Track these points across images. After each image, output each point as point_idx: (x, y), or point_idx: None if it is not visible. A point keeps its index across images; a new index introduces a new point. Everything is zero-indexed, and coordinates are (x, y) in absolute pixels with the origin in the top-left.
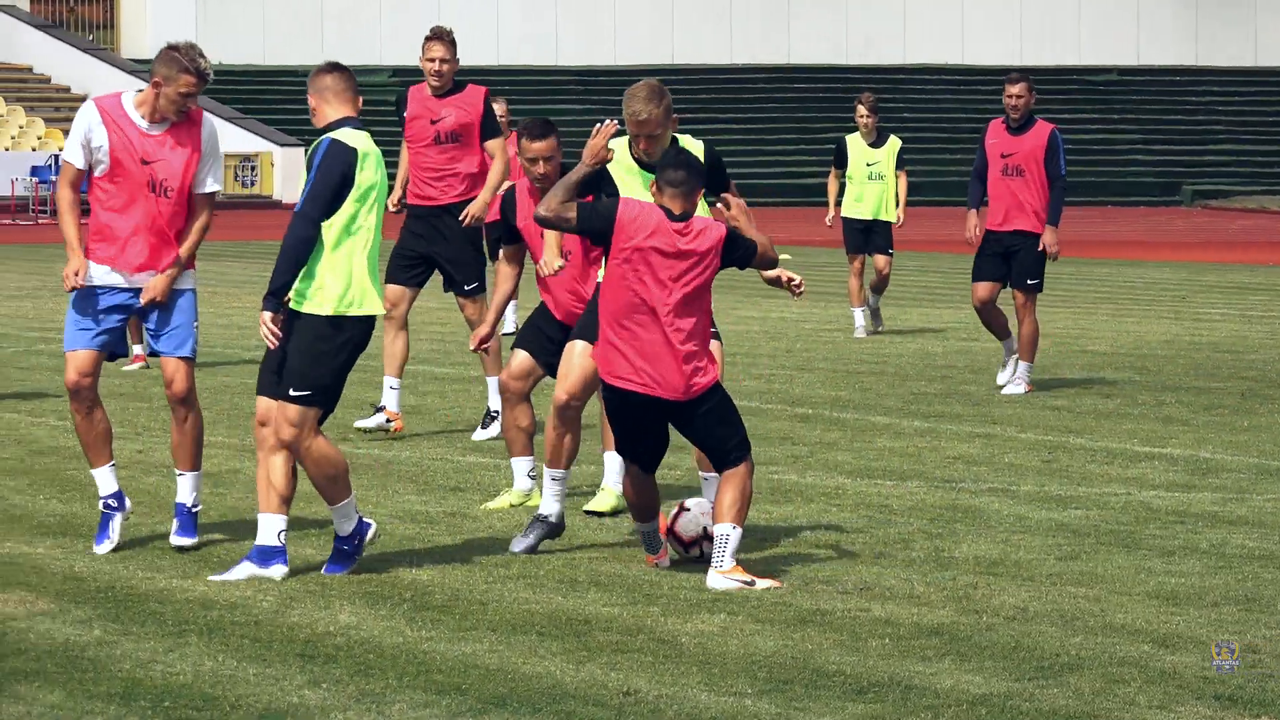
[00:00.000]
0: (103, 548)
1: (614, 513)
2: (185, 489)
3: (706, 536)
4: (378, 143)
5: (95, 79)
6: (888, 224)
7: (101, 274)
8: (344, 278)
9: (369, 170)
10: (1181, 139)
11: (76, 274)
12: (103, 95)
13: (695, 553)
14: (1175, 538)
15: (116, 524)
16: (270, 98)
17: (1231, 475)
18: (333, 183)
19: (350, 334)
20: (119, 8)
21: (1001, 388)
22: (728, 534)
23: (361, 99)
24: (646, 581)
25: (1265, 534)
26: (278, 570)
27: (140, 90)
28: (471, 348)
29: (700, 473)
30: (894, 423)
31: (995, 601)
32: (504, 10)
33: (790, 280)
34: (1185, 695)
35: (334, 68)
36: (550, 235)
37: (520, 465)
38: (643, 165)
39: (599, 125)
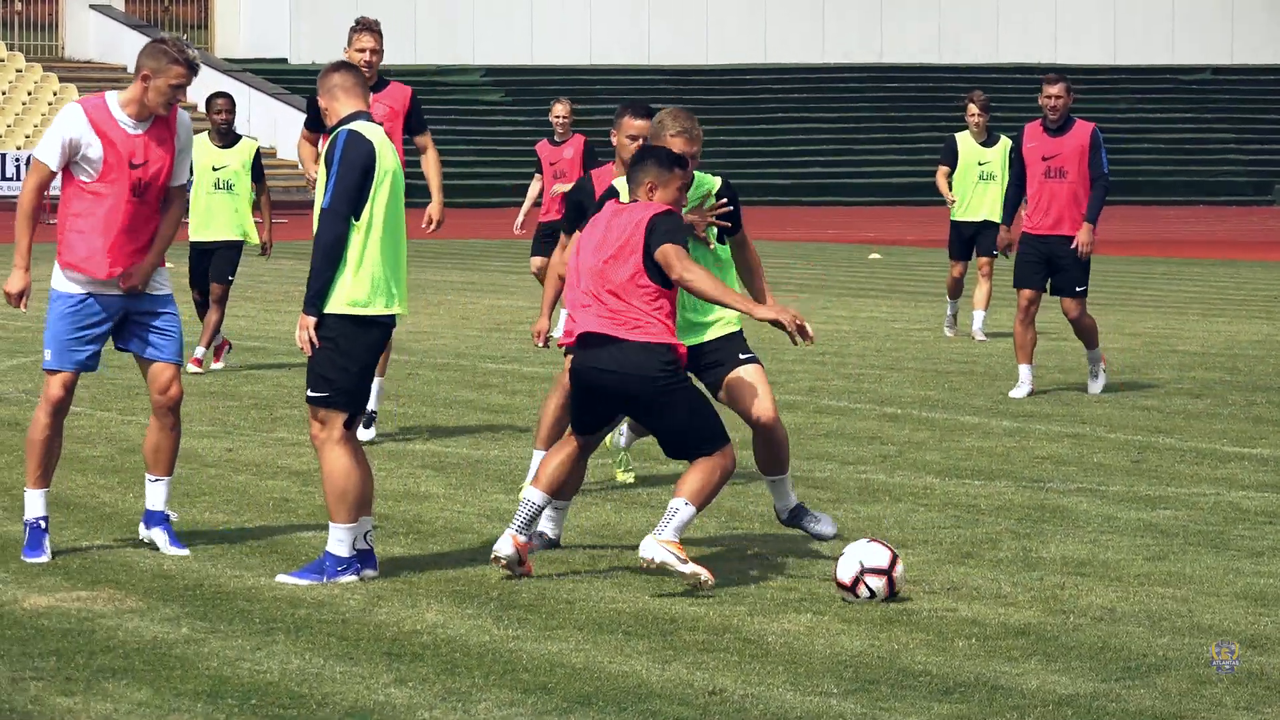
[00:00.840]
0: (42, 558)
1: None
2: (163, 495)
3: (866, 570)
4: (465, 141)
5: None
6: (997, 226)
7: (82, 282)
8: (358, 276)
9: (386, 163)
10: (1275, 138)
11: (23, 296)
12: (87, 97)
13: (864, 592)
14: (1265, 538)
15: (48, 540)
16: None
17: None
18: (355, 176)
19: (368, 334)
20: (213, 8)
21: (1015, 399)
22: (678, 508)
23: (373, 96)
24: (733, 581)
25: None
26: (368, 573)
27: (122, 90)
28: (539, 344)
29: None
30: (983, 422)
31: (1082, 602)
32: (596, 10)
33: (795, 326)
34: (1273, 696)
35: (340, 66)
36: None
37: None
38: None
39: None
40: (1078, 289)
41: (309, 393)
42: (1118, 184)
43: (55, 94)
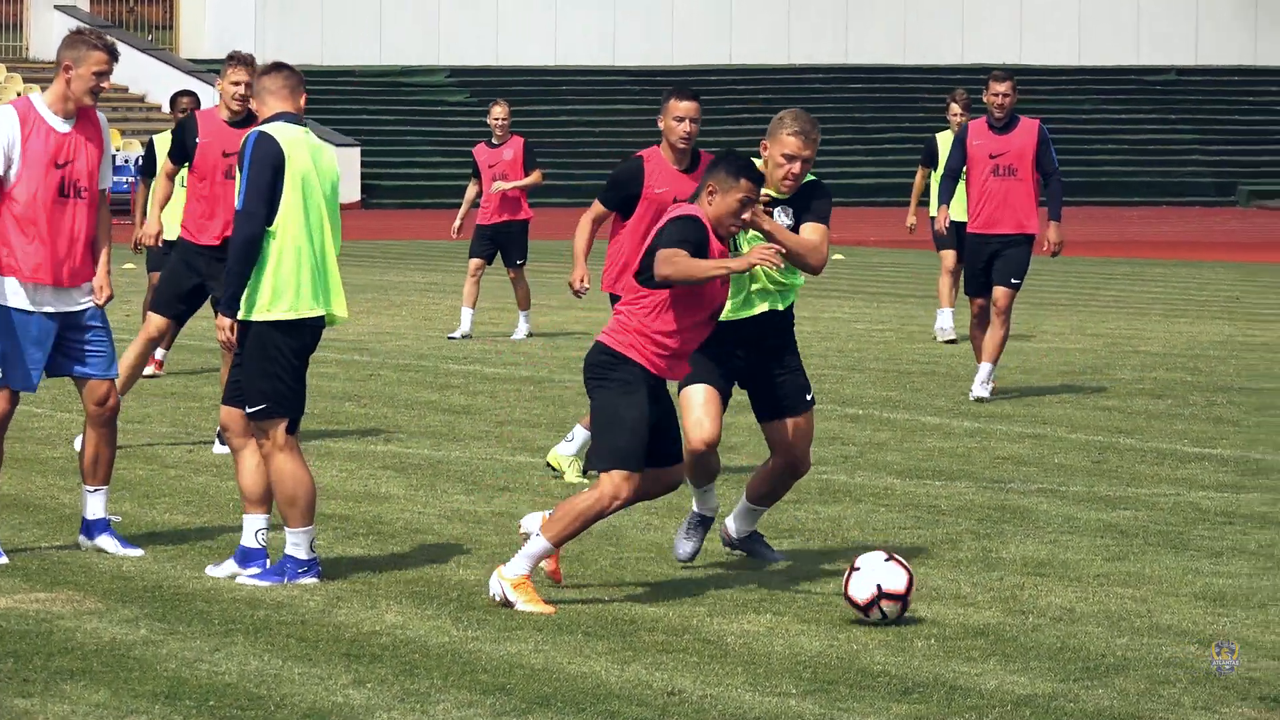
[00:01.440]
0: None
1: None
2: (103, 504)
3: (883, 595)
4: (429, 142)
5: (153, 79)
6: None
7: (26, 296)
8: (276, 280)
9: (297, 164)
10: (1238, 139)
11: None
12: (16, 99)
13: (877, 615)
14: (1224, 539)
15: None
16: (329, 98)
17: None
18: (266, 176)
19: (293, 339)
20: (178, 8)
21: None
22: (533, 538)
23: (305, 96)
24: (693, 582)
25: None
26: (254, 570)
27: (44, 90)
28: (581, 290)
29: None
30: (944, 423)
31: (1042, 602)
32: (561, 9)
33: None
34: (1230, 697)
35: (272, 68)
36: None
37: (583, 432)
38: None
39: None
40: (1013, 280)
41: (247, 409)
42: (1082, 184)
43: (19, 94)
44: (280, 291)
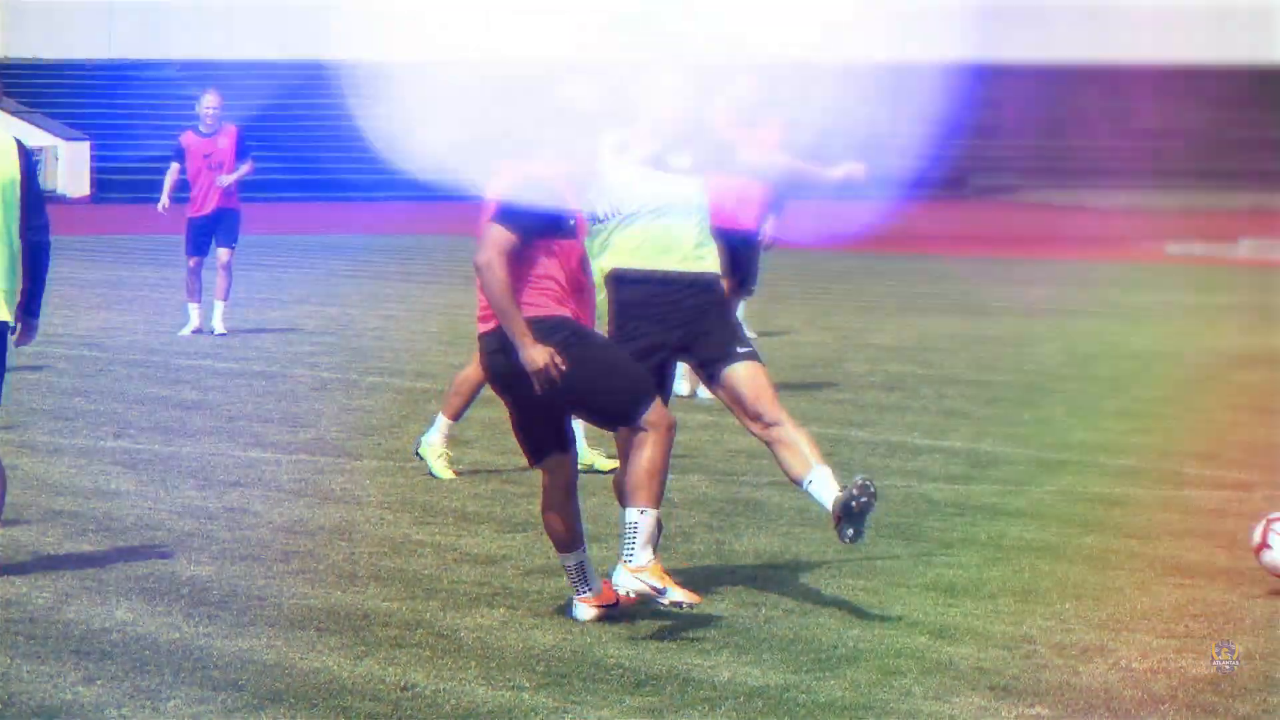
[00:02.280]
0: None
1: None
2: None
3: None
4: (150, 133)
5: None
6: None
7: None
8: None
9: None
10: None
11: None
12: None
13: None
14: (955, 530)
15: None
16: (58, 91)
17: (1010, 467)
18: None
19: None
20: None
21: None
22: (638, 519)
23: None
24: (426, 576)
25: (1043, 525)
26: None
27: None
28: None
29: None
30: (678, 416)
31: (774, 594)
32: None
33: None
34: (961, 686)
35: None
36: None
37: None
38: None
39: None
40: (751, 286)
41: None
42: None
43: None
44: None
